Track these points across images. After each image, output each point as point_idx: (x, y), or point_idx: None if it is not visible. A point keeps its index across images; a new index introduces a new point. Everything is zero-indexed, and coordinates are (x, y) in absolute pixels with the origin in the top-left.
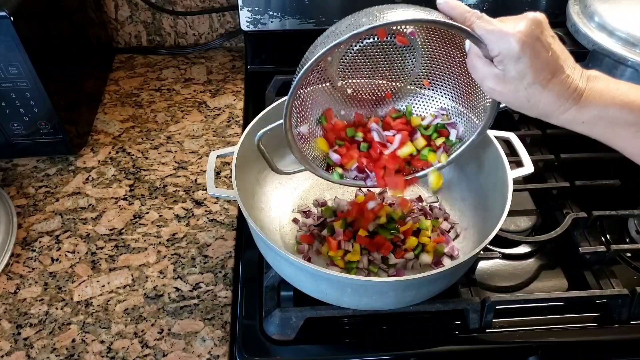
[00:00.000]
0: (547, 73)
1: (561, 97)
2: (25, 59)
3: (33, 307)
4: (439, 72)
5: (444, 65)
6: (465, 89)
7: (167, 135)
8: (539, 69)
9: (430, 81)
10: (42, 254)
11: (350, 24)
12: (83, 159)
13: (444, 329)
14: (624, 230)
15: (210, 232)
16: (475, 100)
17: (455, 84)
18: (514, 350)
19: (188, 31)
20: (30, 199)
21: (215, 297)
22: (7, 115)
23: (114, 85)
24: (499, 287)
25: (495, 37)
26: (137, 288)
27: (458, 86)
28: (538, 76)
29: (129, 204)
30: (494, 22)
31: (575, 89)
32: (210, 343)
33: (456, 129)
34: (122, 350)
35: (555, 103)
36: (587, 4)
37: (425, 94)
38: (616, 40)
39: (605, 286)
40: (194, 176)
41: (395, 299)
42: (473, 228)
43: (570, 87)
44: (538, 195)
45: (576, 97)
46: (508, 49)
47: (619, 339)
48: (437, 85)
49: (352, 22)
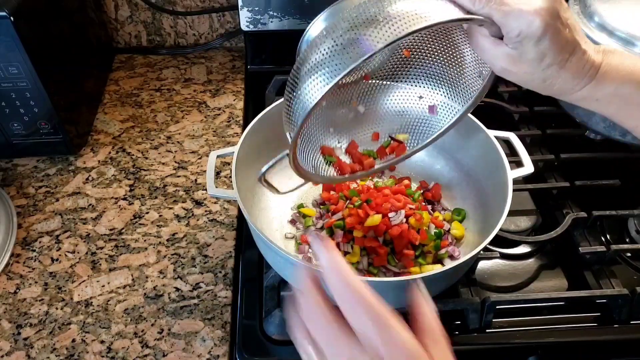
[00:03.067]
0: (566, 52)
1: (578, 76)
2: (25, 59)
3: (33, 307)
4: (421, 50)
5: (427, 45)
6: (449, 68)
7: (167, 135)
8: (559, 49)
9: (411, 53)
10: (42, 254)
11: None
12: (83, 159)
13: (444, 329)
14: (624, 230)
15: (210, 232)
16: (460, 80)
17: (437, 62)
18: (514, 350)
19: (188, 31)
20: (30, 199)
21: (215, 297)
22: (7, 115)
23: (114, 85)
24: (498, 287)
25: (513, 19)
26: (137, 288)
27: (441, 66)
28: (557, 56)
29: (129, 204)
30: (508, 1)
31: (592, 65)
32: (210, 343)
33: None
34: (122, 350)
35: (572, 81)
36: (587, 4)
37: (409, 72)
38: (616, 40)
39: (605, 286)
40: (194, 176)
41: (395, 299)
42: (473, 228)
43: (586, 64)
44: (538, 195)
45: (592, 73)
46: (529, 30)
47: (619, 339)
48: (418, 64)
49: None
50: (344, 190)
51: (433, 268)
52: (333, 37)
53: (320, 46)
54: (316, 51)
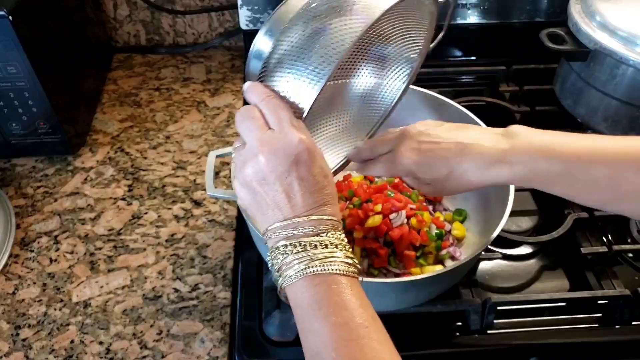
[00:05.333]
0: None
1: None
2: (24, 59)
3: (31, 308)
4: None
5: None
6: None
7: (166, 135)
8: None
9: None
10: (40, 255)
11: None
12: (81, 159)
13: (445, 330)
14: (626, 231)
15: (210, 232)
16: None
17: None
18: (515, 351)
19: (187, 30)
20: (29, 199)
21: (214, 298)
22: (5, 115)
23: (113, 84)
24: (500, 288)
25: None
26: (136, 289)
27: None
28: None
29: (127, 204)
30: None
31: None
32: (210, 344)
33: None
34: (121, 352)
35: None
36: (588, 3)
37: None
38: (618, 39)
39: (606, 287)
40: (193, 176)
41: (396, 300)
42: (474, 228)
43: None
44: (539, 195)
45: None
46: None
47: (621, 339)
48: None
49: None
50: (344, 191)
51: (434, 269)
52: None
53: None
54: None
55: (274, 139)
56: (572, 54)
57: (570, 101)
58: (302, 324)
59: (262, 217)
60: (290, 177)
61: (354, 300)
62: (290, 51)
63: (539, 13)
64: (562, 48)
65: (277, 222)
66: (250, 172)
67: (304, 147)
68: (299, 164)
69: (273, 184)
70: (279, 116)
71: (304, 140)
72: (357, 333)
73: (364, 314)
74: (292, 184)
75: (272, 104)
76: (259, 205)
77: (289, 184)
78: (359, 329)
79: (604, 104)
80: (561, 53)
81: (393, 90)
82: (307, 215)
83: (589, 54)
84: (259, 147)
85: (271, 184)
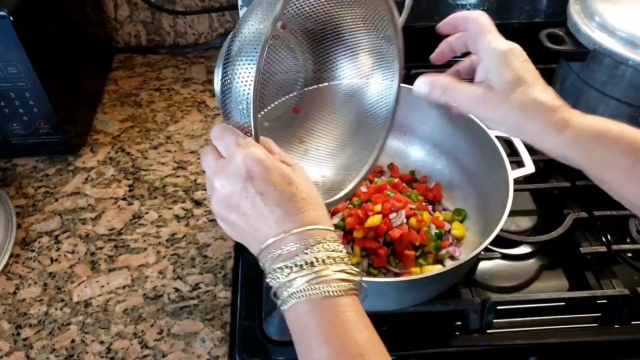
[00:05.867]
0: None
1: (549, 119)
2: (25, 59)
3: (32, 308)
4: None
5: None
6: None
7: (166, 135)
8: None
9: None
10: (41, 254)
11: None
12: (82, 159)
13: (445, 330)
14: (625, 231)
15: (210, 232)
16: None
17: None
18: (514, 350)
19: (187, 31)
20: (30, 199)
21: (215, 298)
22: (6, 115)
23: (113, 85)
24: (499, 287)
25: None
26: (137, 288)
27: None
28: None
29: (128, 204)
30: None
31: (560, 106)
32: (210, 344)
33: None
34: (122, 351)
35: (544, 126)
36: (588, 4)
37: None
38: (617, 40)
39: (606, 286)
40: (194, 176)
41: (395, 299)
42: (474, 228)
43: (555, 103)
44: (539, 195)
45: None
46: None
47: (620, 339)
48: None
49: None
50: None
51: (434, 268)
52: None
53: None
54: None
55: (223, 165)
56: (572, 54)
57: (570, 101)
58: (297, 348)
59: (248, 244)
60: (249, 195)
61: (349, 324)
62: (227, 78)
63: (539, 13)
64: (561, 48)
65: (260, 245)
66: (215, 204)
67: (251, 160)
68: (252, 179)
69: (237, 206)
70: (225, 142)
71: (249, 154)
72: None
73: (360, 339)
74: (255, 202)
75: (219, 133)
76: (240, 233)
77: (252, 202)
78: (354, 359)
79: (603, 104)
80: (560, 53)
81: (386, 87)
82: (284, 232)
83: (588, 55)
84: (213, 177)
85: (235, 207)
